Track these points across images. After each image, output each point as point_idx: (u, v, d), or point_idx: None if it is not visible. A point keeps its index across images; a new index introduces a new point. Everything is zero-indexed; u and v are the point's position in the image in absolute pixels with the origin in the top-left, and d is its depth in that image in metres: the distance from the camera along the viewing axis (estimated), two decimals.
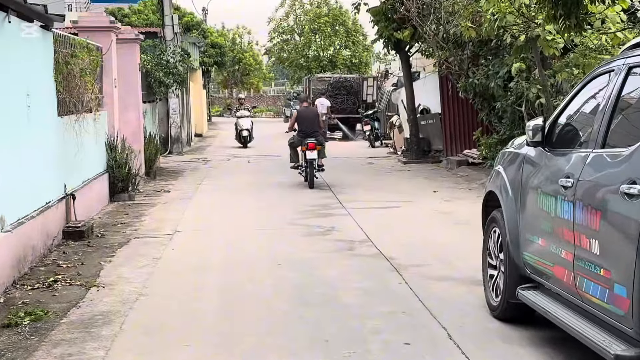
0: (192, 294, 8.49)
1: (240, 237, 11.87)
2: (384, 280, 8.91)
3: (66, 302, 8.15)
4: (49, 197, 10.76)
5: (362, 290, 8.47)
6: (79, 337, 7.00)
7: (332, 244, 11.19)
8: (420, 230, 11.99)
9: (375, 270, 9.45)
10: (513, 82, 17.23)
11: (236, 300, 8.25)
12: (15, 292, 8.60)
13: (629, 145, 5.11)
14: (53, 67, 11.23)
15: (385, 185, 18.24)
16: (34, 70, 10.38)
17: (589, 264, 5.44)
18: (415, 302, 7.95)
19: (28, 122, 9.88)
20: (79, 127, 12.97)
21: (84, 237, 11.46)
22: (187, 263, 10.09)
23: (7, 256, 8.77)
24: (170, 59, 26.12)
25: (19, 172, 9.38)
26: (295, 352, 6.51)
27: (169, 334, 7.11)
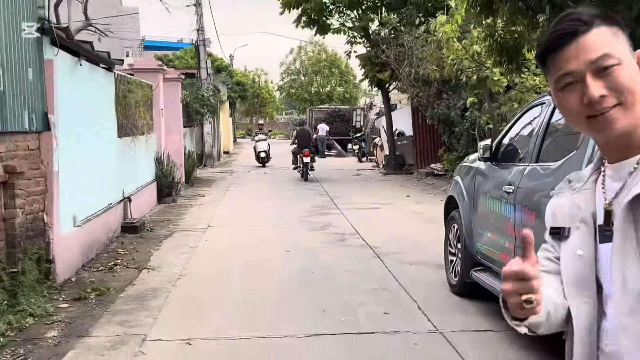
0: (221, 275, 8.57)
1: (258, 230, 11.89)
2: (369, 265, 8.94)
3: (123, 281, 8.19)
4: (111, 199, 10.79)
5: (351, 272, 8.52)
6: (134, 307, 7.06)
7: (328, 236, 11.21)
8: (397, 226, 12.01)
9: (361, 256, 9.48)
10: (468, 112, 17.28)
11: (255, 278, 8.30)
12: (84, 273, 8.64)
13: (556, 161, 5.24)
14: (114, 100, 11.27)
15: (369, 191, 18.23)
16: (100, 102, 10.43)
17: None
18: (392, 281, 8.00)
19: (95, 142, 9.91)
20: (134, 146, 13.02)
21: (138, 231, 11.50)
22: (217, 251, 10.14)
23: (78, 246, 8.82)
24: (204, 94, 26.16)
25: (88, 181, 9.41)
26: (300, 319, 6.58)
27: (202, 305, 7.19)
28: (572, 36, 1.51)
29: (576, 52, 1.50)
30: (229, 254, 9.87)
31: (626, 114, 1.49)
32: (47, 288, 7.51)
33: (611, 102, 1.48)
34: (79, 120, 9.03)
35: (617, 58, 1.49)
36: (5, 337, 6.01)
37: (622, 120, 1.49)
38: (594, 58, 1.48)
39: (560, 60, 1.53)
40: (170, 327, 6.37)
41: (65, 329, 6.33)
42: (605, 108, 1.48)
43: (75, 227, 8.71)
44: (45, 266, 7.64)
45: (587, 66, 1.49)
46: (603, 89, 1.48)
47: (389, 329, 6.21)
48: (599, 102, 1.48)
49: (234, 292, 7.67)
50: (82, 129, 9.25)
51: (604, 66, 1.48)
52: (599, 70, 1.49)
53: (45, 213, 7.79)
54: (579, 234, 1.64)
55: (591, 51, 1.49)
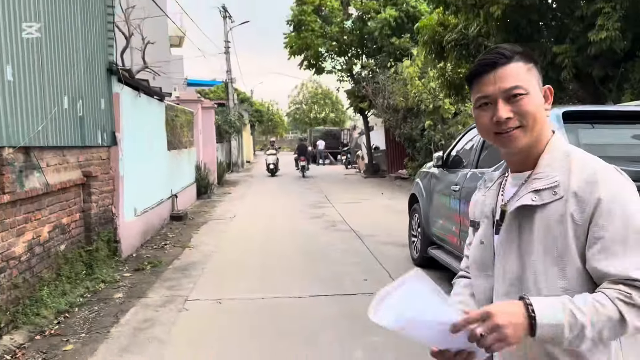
0: (243, 251, 8.57)
1: (270, 219, 11.90)
2: (353, 244, 8.95)
3: (171, 256, 8.21)
4: (162, 196, 10.82)
5: (340, 250, 8.54)
6: (179, 276, 7.09)
7: (323, 223, 11.22)
8: (374, 216, 12.04)
9: (348, 238, 9.48)
10: (426, 132, 17.33)
11: (268, 254, 8.31)
12: (142, 250, 8.66)
13: (491, 167, 5.21)
14: (164, 122, 11.30)
15: (353, 190, 18.26)
16: (154, 124, 10.46)
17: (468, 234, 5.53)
18: (370, 256, 8.02)
19: (150, 153, 9.94)
20: (179, 156, 13.05)
21: (182, 219, 11.51)
22: (241, 234, 10.14)
23: (137, 230, 8.84)
24: (232, 119, 26.28)
25: (145, 183, 9.44)
26: (302, 284, 6.60)
27: (230, 273, 7.22)
28: (492, 67, 1.47)
29: (494, 80, 1.47)
30: (249, 236, 9.88)
31: (526, 135, 1.47)
32: (115, 262, 7.55)
33: (514, 124, 1.45)
34: (138, 138, 9.06)
35: (526, 89, 1.45)
36: (84, 297, 6.06)
37: (522, 139, 1.47)
38: (506, 87, 1.45)
39: (481, 85, 1.50)
40: (206, 290, 6.40)
41: (128, 292, 6.37)
42: (509, 128, 1.46)
43: (135, 217, 8.74)
44: (113, 245, 7.68)
45: (500, 93, 1.46)
46: (509, 113, 1.45)
47: (367, 291, 6.22)
48: (505, 123, 1.45)
49: (253, 264, 7.69)
50: (141, 144, 9.28)
51: (513, 94, 1.45)
52: (509, 97, 1.45)
53: (113, 206, 7.83)
54: (484, 226, 1.63)
55: (505, 81, 1.46)
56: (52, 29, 6.01)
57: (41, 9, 5.75)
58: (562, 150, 1.50)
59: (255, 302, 5.89)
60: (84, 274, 6.56)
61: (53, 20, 6.05)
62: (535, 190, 1.45)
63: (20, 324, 5.01)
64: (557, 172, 1.44)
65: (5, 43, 4.99)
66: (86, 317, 5.51)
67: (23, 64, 5.32)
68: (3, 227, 4.99)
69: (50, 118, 5.86)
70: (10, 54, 5.09)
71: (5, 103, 4.98)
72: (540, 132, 1.49)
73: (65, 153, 6.41)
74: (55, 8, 6.13)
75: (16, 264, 5.20)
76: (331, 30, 22.08)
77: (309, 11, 22.06)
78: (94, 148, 7.29)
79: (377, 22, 20.40)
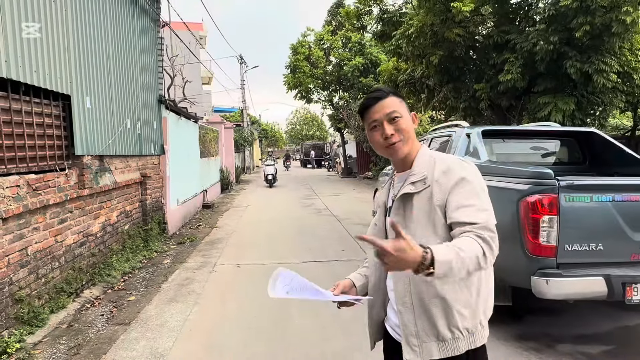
0: (254, 230, 8.54)
1: (274, 208, 11.85)
2: (334, 225, 8.94)
3: (203, 234, 8.18)
4: (196, 191, 10.76)
5: (325, 229, 8.52)
6: (209, 247, 7.07)
7: (312, 210, 11.21)
8: (348, 205, 12.06)
9: (330, 221, 9.48)
10: None
11: (273, 232, 8.29)
12: (183, 229, 8.62)
13: None
14: (198, 138, 11.25)
15: (333, 186, 18.26)
16: (190, 139, 10.40)
17: None
18: (346, 233, 8.02)
19: (188, 160, 9.90)
20: (208, 162, 12.97)
21: (210, 207, 11.43)
22: (252, 218, 10.08)
23: (179, 215, 8.79)
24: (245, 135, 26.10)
25: (184, 181, 9.39)
26: (297, 253, 6.59)
27: (246, 246, 7.18)
28: (378, 99, 1.52)
29: (380, 108, 1.51)
30: (258, 219, 9.82)
31: (405, 146, 1.52)
32: (164, 238, 7.52)
33: (397, 138, 1.50)
34: (179, 149, 9.01)
35: (400, 113, 1.51)
36: (142, 263, 6.03)
37: (403, 149, 1.52)
38: (387, 112, 1.50)
39: (371, 113, 1.53)
40: (229, 257, 6.40)
41: (173, 259, 6.35)
42: (394, 142, 1.51)
43: (178, 205, 8.70)
44: (162, 226, 7.64)
45: (384, 117, 1.50)
46: (392, 130, 1.50)
47: (345, 258, 6.26)
48: (390, 138, 1.50)
49: (261, 239, 7.67)
50: (181, 153, 9.23)
51: (392, 117, 1.50)
52: (391, 120, 1.50)
53: (162, 198, 7.79)
54: (378, 212, 1.68)
55: (387, 109, 1.50)
56: (119, 71, 5.98)
57: (111, 56, 5.73)
58: (427, 154, 1.54)
59: (263, 266, 5.91)
60: (142, 246, 6.53)
61: (120, 64, 6.02)
62: (412, 182, 1.49)
63: (97, 282, 5.00)
64: (425, 169, 1.49)
65: (87, 81, 4.97)
66: (144, 276, 5.50)
67: (98, 96, 5.30)
68: (84, 212, 4.97)
69: (118, 135, 5.84)
70: (89, 89, 5.07)
71: (86, 124, 4.96)
72: (413, 144, 1.54)
73: (128, 160, 6.38)
74: (121, 55, 6.11)
75: (93, 239, 5.18)
76: (317, 72, 22.16)
77: (301, 59, 22.24)
78: (149, 156, 7.25)
79: (349, 67, 20.49)
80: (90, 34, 5.15)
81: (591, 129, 4.75)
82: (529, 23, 8.53)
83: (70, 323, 4.05)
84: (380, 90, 1.55)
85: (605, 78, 7.25)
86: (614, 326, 3.88)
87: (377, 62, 19.97)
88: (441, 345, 1.44)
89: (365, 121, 1.57)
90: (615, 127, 13.89)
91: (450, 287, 1.43)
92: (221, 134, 16.71)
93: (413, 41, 8.80)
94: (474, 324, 1.46)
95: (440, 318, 1.43)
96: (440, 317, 1.43)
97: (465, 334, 1.45)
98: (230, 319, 4.12)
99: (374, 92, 1.56)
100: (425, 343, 1.45)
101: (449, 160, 1.49)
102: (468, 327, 1.45)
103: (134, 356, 3.40)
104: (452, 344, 1.44)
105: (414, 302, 1.46)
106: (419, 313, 1.46)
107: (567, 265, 3.01)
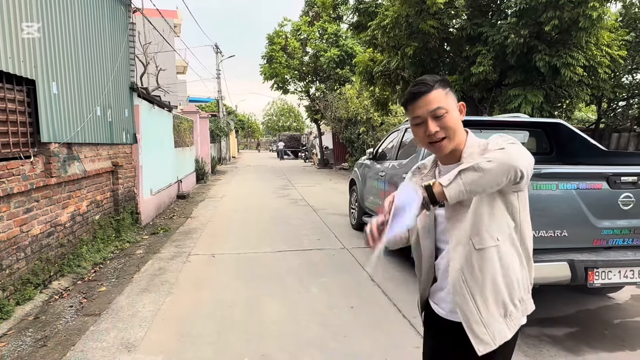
0: (230, 221, 8.45)
1: (250, 198, 11.75)
2: (309, 215, 8.94)
3: (178, 224, 8.04)
4: (170, 181, 10.55)
5: (300, 219, 8.52)
6: (183, 237, 6.95)
7: (288, 200, 11.18)
8: (324, 195, 12.09)
9: (306, 211, 9.48)
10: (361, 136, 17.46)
11: (248, 222, 8.22)
12: (156, 220, 8.45)
13: (406, 159, 5.30)
14: (172, 127, 11.00)
15: (309, 177, 18.26)
16: (164, 128, 10.15)
17: None
18: (322, 223, 8.03)
19: (161, 150, 9.67)
20: (183, 152, 12.69)
21: (185, 198, 11.25)
22: (228, 208, 9.97)
23: (153, 205, 8.60)
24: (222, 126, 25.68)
25: (158, 171, 9.18)
26: (273, 243, 6.56)
27: (221, 236, 7.10)
28: (420, 95, 1.47)
29: (422, 104, 1.47)
30: (234, 210, 9.73)
31: (450, 143, 1.48)
32: (136, 228, 7.35)
33: (441, 135, 1.46)
34: (153, 138, 8.77)
35: (446, 109, 1.45)
36: (114, 253, 5.89)
37: (448, 146, 1.48)
38: (432, 109, 1.45)
39: (414, 109, 1.49)
40: (203, 247, 6.31)
41: (146, 249, 6.21)
42: (438, 139, 1.47)
43: (151, 195, 8.50)
44: (135, 216, 7.47)
45: (428, 113, 1.46)
46: (437, 127, 1.46)
47: (320, 247, 6.28)
48: (434, 135, 1.46)
49: (236, 229, 7.60)
50: (155, 142, 8.99)
51: (438, 115, 1.45)
52: (435, 117, 1.46)
53: (135, 187, 7.60)
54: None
55: (431, 105, 1.45)
56: (88, 56, 5.75)
57: (79, 41, 5.50)
58: (476, 143, 1.51)
59: (238, 256, 5.86)
60: (114, 237, 6.36)
61: (89, 49, 5.79)
62: None
63: (66, 273, 4.84)
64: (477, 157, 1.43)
65: (53, 66, 4.76)
66: (115, 267, 5.37)
67: (65, 81, 5.09)
68: (51, 201, 4.79)
69: (87, 122, 5.63)
70: (55, 74, 4.86)
71: (52, 110, 4.76)
72: (460, 138, 1.50)
73: (98, 148, 6.18)
74: (90, 40, 5.87)
75: (62, 229, 5.01)
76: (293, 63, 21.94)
77: (277, 49, 21.95)
78: (120, 145, 7.04)
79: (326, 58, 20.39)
80: (56, 17, 4.92)
81: (558, 120, 4.87)
82: (500, 16, 8.65)
83: (37, 315, 3.91)
84: (425, 84, 1.47)
85: (572, 71, 7.42)
86: (577, 309, 4.02)
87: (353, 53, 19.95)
88: (508, 322, 1.48)
89: (409, 115, 1.53)
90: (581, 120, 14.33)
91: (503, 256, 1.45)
92: (196, 124, 16.38)
93: (388, 32, 8.80)
94: (525, 292, 1.52)
95: (502, 293, 1.45)
96: (504, 291, 1.45)
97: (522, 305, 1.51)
98: (204, 308, 4.07)
99: (418, 84, 1.50)
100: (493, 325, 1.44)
101: (491, 139, 1.46)
102: (523, 296, 1.51)
103: (104, 347, 3.31)
104: (516, 316, 1.50)
105: (471, 290, 1.46)
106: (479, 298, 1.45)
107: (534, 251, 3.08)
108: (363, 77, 11.55)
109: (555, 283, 3.12)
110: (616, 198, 3.19)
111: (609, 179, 3.18)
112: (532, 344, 3.32)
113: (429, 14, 8.24)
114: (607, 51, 7.77)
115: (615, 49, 7.91)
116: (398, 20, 8.61)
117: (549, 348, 3.26)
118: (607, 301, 4.23)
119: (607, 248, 3.27)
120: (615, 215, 3.21)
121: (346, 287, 4.58)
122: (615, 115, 9.83)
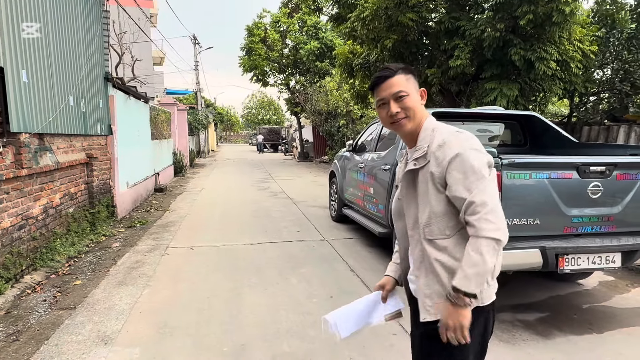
0: (209, 214, 8.38)
1: (229, 191, 11.67)
2: (289, 207, 8.94)
3: (155, 217, 7.93)
4: (148, 174, 10.38)
5: (280, 211, 8.52)
6: (161, 231, 6.87)
7: (268, 193, 11.15)
8: (304, 188, 12.10)
9: (286, 203, 9.48)
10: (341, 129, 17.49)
11: (227, 215, 8.18)
12: (134, 213, 8.31)
13: (384, 150, 5.34)
14: (149, 119, 10.80)
15: (290, 170, 18.23)
16: (141, 120, 9.94)
17: (369, 197, 5.61)
18: (302, 215, 8.05)
19: (138, 142, 9.48)
20: (161, 145, 12.49)
21: (163, 191, 11.08)
22: (207, 201, 9.88)
23: (129, 198, 8.45)
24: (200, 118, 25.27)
25: (135, 163, 9.01)
26: (252, 235, 6.55)
27: (199, 228, 7.05)
28: (385, 79, 1.56)
29: (386, 87, 1.55)
30: (213, 203, 9.65)
31: (410, 122, 1.56)
32: (112, 221, 7.22)
33: (402, 115, 1.55)
34: (129, 130, 8.60)
35: (407, 92, 1.54)
36: (89, 247, 5.77)
37: (407, 125, 1.56)
38: (394, 91, 1.54)
39: (379, 91, 1.58)
40: (181, 240, 6.25)
41: (123, 242, 6.11)
42: (399, 119, 1.55)
43: (128, 188, 8.35)
44: (111, 209, 7.32)
45: (391, 95, 1.55)
46: (398, 108, 1.54)
47: (300, 239, 6.29)
48: (395, 115, 1.55)
49: (216, 222, 7.55)
50: (131, 134, 8.82)
51: (399, 96, 1.54)
52: (397, 98, 1.54)
53: (111, 180, 7.44)
54: (399, 187, 1.69)
55: (393, 87, 1.54)
56: (59, 44, 5.58)
57: (50, 28, 5.33)
58: (430, 128, 1.56)
59: (218, 248, 5.82)
60: (89, 230, 6.23)
61: (60, 37, 5.61)
62: (415, 158, 1.54)
63: (39, 267, 4.73)
64: (426, 144, 1.52)
65: (22, 53, 4.60)
66: (91, 261, 5.26)
67: (36, 70, 4.93)
68: (22, 193, 4.65)
69: (59, 112, 5.47)
70: (25, 62, 4.70)
71: (22, 99, 4.61)
72: (420, 119, 1.57)
73: (72, 139, 6.02)
74: (62, 27, 5.69)
75: (34, 222, 4.88)
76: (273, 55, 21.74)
77: (257, 41, 21.71)
78: (95, 136, 6.88)
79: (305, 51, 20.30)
80: (25, 1, 4.75)
81: (532, 113, 4.99)
82: (478, 10, 8.76)
83: (9, 309, 3.81)
84: (388, 69, 1.57)
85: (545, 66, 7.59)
86: (548, 295, 4.16)
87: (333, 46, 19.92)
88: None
89: (374, 97, 1.62)
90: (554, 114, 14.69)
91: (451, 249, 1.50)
92: (174, 116, 16.12)
93: (368, 24, 8.80)
94: None
95: (445, 277, 1.50)
96: (445, 276, 1.50)
97: None
98: (182, 300, 4.03)
99: (383, 70, 1.59)
100: (437, 303, 1.51)
101: (445, 133, 1.51)
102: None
103: (79, 340, 3.26)
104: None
105: (426, 267, 1.54)
106: (431, 277, 1.53)
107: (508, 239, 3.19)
108: (343, 70, 11.53)
109: (527, 269, 3.22)
110: (585, 187, 3.29)
111: (579, 168, 3.28)
112: (506, 328, 3.41)
113: (408, 6, 8.28)
114: (579, 46, 7.97)
115: (587, 44, 8.12)
116: (377, 13, 8.62)
117: (522, 332, 3.36)
118: (577, 287, 4.38)
119: (577, 235, 3.38)
120: (584, 203, 3.31)
121: (326, 277, 4.61)
122: (587, 109, 10.11)
